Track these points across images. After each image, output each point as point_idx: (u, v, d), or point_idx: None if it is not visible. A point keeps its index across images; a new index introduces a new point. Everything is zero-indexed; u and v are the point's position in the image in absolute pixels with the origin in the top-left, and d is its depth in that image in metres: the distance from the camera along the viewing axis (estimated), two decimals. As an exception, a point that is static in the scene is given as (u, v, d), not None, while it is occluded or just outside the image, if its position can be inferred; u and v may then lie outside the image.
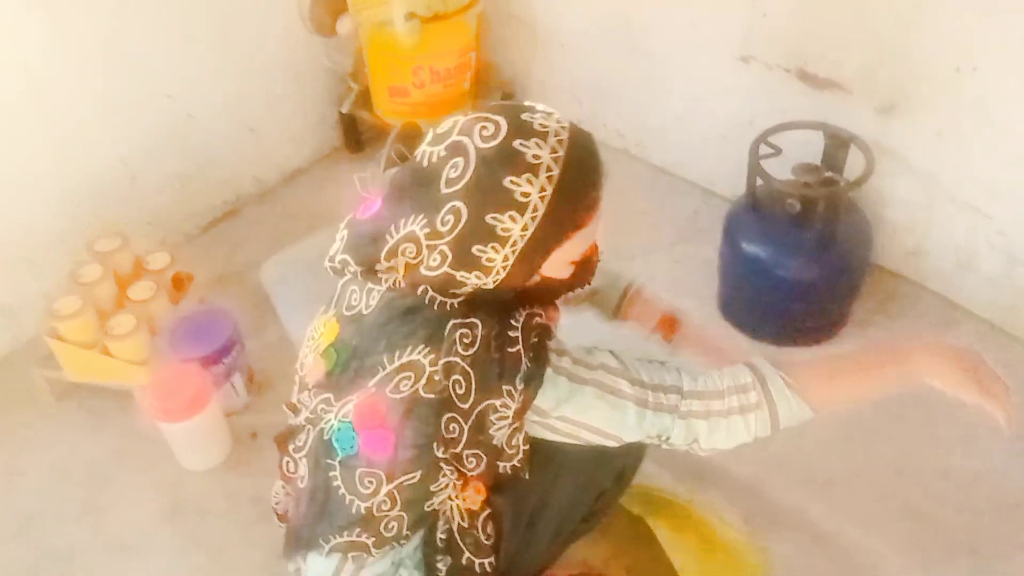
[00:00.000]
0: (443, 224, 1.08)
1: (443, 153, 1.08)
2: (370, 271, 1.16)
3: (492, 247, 1.07)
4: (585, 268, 1.20)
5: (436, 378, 1.10)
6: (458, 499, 1.25)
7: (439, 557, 1.29)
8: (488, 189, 1.05)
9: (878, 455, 1.86)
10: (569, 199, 1.07)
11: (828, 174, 1.93)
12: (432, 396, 1.10)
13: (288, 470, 1.30)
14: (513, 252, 1.08)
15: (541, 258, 1.11)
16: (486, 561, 1.30)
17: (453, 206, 1.07)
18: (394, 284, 1.14)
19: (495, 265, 1.09)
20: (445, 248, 1.09)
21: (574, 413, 1.16)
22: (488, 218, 1.06)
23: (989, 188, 1.96)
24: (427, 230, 1.09)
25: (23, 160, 2.05)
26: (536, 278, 1.14)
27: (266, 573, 1.71)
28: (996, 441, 1.83)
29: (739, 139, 2.08)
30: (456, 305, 1.12)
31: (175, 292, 2.06)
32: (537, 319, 1.15)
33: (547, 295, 1.20)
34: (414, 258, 1.11)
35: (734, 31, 2.20)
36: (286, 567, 1.37)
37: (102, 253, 2.01)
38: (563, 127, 1.08)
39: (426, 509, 1.22)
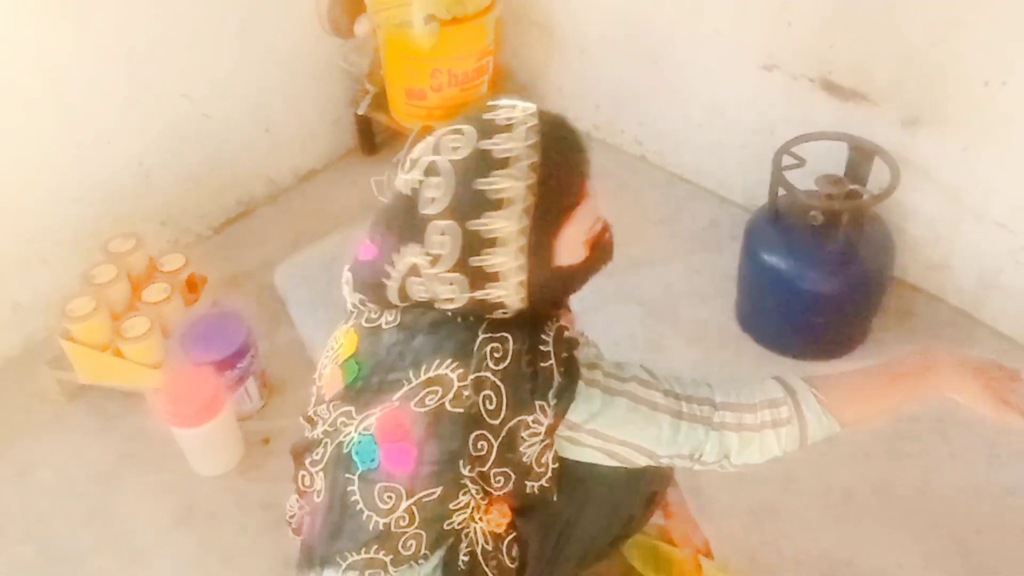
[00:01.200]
0: (437, 247, 1.07)
1: (420, 177, 1.07)
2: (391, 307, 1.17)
3: (489, 252, 1.06)
4: (600, 246, 1.16)
5: (465, 393, 1.07)
6: (482, 521, 1.22)
7: (461, 580, 1.27)
8: (467, 198, 1.05)
9: (898, 473, 1.84)
10: (557, 181, 1.06)
11: (852, 186, 1.91)
12: (459, 411, 1.08)
13: (304, 484, 1.27)
14: (520, 250, 1.06)
15: (549, 247, 1.08)
16: None
17: (439, 225, 1.06)
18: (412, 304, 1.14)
19: (505, 268, 1.07)
20: (451, 275, 1.08)
21: (606, 427, 1.13)
22: (474, 225, 1.05)
23: (1015, 204, 1.93)
24: (427, 257, 1.08)
25: (40, 158, 2.04)
26: (555, 270, 1.11)
27: (277, 581, 1.69)
28: (1018, 460, 1.83)
29: (760, 148, 2.06)
30: (484, 317, 1.10)
31: (189, 294, 2.05)
32: (567, 333, 1.13)
33: (575, 283, 1.17)
34: (425, 295, 1.11)
35: (758, 40, 2.17)
36: (297, 576, 1.35)
37: (116, 254, 1.99)
38: (531, 114, 1.07)
39: (445, 527, 1.19)
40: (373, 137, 2.73)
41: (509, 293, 1.09)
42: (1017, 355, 2.04)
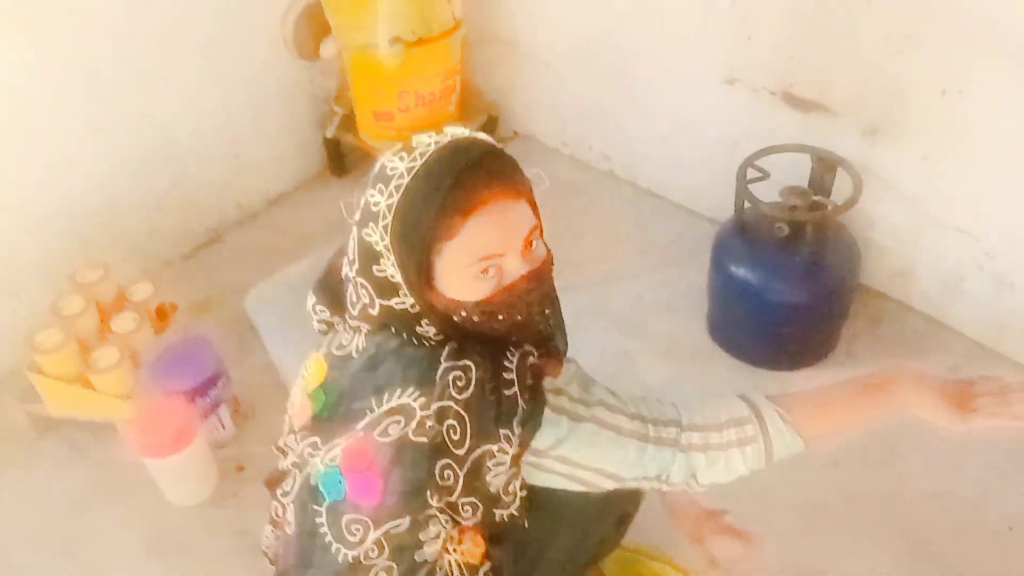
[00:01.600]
0: (351, 251, 1.12)
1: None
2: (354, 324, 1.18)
3: (379, 263, 1.09)
4: (504, 293, 1.09)
5: (428, 424, 1.06)
6: (456, 552, 1.21)
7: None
8: (362, 207, 1.09)
9: (869, 480, 1.85)
10: (418, 205, 1.04)
11: (816, 197, 1.93)
12: (423, 440, 1.07)
13: (276, 515, 1.27)
14: (394, 265, 1.08)
15: (419, 271, 1.07)
16: None
17: (352, 231, 1.11)
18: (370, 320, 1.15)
19: (397, 279, 1.09)
20: (361, 280, 1.12)
21: (572, 452, 1.12)
22: (363, 234, 1.09)
23: (976, 210, 1.96)
24: (347, 263, 1.13)
25: (3, 188, 2.02)
26: (443, 299, 1.09)
27: (252, 610, 1.68)
28: (988, 464, 1.85)
29: (725, 161, 2.08)
30: (443, 343, 1.11)
31: (159, 322, 2.03)
32: (531, 359, 1.12)
33: (491, 320, 1.11)
34: (356, 302, 1.14)
35: (719, 54, 2.20)
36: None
37: (84, 284, 1.98)
38: (438, 143, 1.07)
39: (416, 559, 1.17)
40: (342, 159, 2.74)
41: (417, 304, 1.11)
42: (984, 358, 2.08)
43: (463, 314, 1.09)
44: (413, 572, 1.18)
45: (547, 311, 1.18)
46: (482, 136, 1.11)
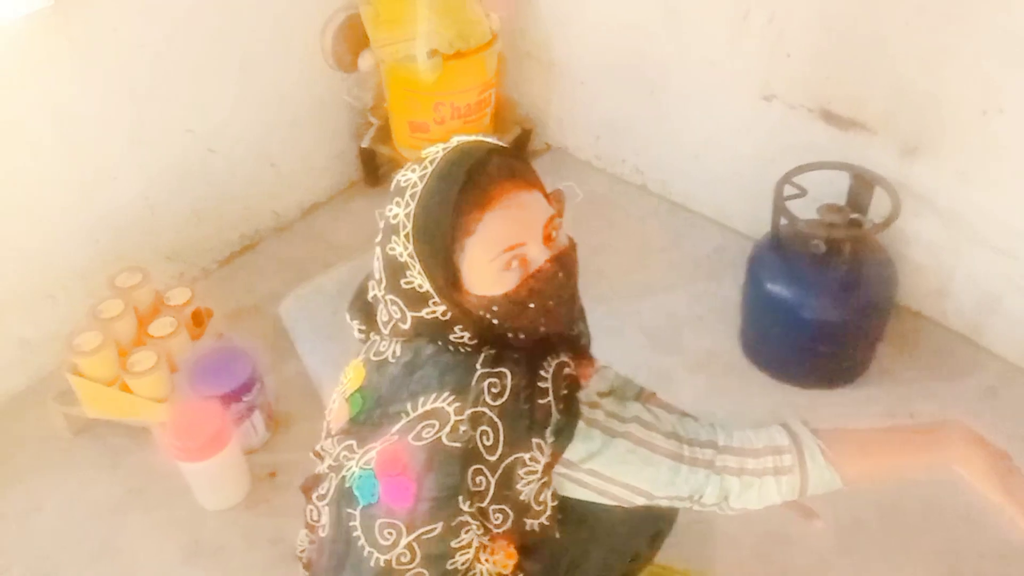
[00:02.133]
0: (377, 272, 1.14)
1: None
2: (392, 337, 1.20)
3: (407, 272, 1.10)
4: (528, 281, 1.08)
5: (462, 428, 1.06)
6: (488, 563, 1.20)
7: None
8: (383, 224, 1.11)
9: (905, 498, 1.83)
10: (435, 207, 1.05)
11: (853, 215, 1.92)
12: (457, 445, 1.07)
13: (311, 518, 1.27)
14: (420, 272, 1.09)
15: (445, 273, 1.08)
16: None
17: (375, 251, 1.13)
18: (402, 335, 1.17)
19: (425, 287, 1.10)
20: (390, 296, 1.13)
21: (604, 467, 1.12)
22: (388, 249, 1.11)
23: (1014, 230, 1.95)
24: (374, 284, 1.16)
25: (46, 196, 2.05)
26: (472, 298, 1.09)
27: (284, 616, 1.69)
28: None
29: (760, 177, 2.07)
30: (479, 348, 1.11)
31: (195, 328, 2.06)
32: (567, 370, 1.12)
33: (524, 314, 1.10)
34: (388, 321, 1.16)
35: (756, 70, 2.20)
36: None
37: (123, 289, 2.00)
38: (446, 148, 1.09)
39: (448, 567, 1.16)
40: (377, 169, 2.76)
41: (448, 310, 1.11)
42: (1020, 379, 2.05)
43: (495, 309, 1.09)
44: None
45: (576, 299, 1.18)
46: (488, 138, 1.12)
